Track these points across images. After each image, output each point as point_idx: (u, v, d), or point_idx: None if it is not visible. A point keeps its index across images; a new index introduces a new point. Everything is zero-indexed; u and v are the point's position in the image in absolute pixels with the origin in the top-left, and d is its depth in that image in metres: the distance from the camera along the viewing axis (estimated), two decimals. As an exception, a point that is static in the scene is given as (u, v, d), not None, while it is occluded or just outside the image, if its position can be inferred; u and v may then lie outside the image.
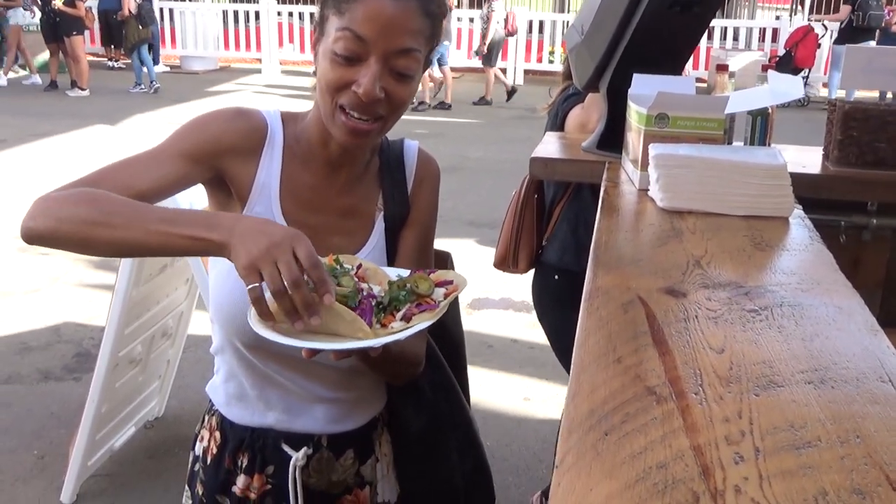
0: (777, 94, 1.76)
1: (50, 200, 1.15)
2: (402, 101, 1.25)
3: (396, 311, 1.15)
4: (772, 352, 0.91)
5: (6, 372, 3.89)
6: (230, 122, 1.32)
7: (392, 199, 1.39)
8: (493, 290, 4.92)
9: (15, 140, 8.99)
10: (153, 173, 1.23)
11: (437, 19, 1.26)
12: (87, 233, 1.11)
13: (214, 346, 1.43)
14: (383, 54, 1.20)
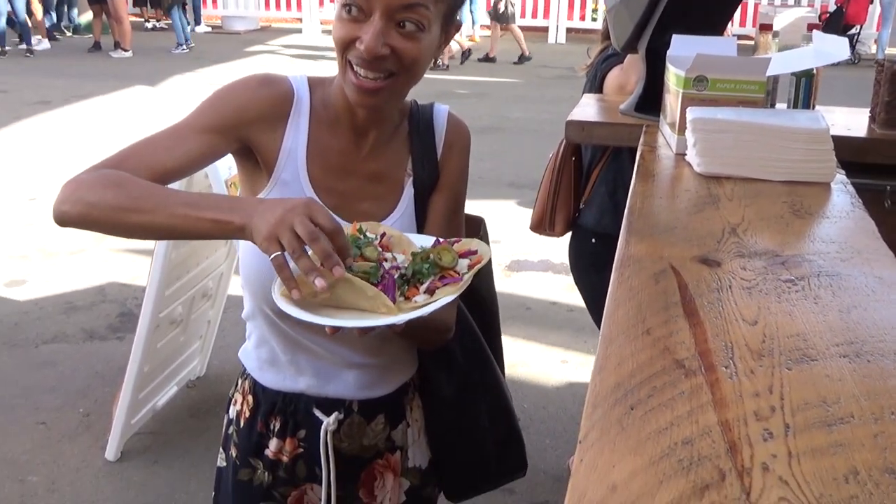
0: (821, 56, 1.70)
1: (79, 184, 1.17)
2: (412, 58, 1.22)
3: (420, 283, 1.14)
4: (807, 324, 0.89)
5: (52, 331, 3.97)
6: (255, 90, 1.31)
7: (421, 164, 1.38)
8: (532, 251, 4.90)
9: (60, 101, 9.10)
10: (178, 150, 1.23)
11: None
12: (115, 218, 1.14)
13: (245, 312, 1.44)
14: (386, 10, 1.17)
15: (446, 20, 1.27)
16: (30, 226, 5.35)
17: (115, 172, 1.18)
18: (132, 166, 1.20)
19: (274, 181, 1.31)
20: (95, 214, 1.15)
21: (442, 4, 1.23)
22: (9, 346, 3.82)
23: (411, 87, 1.30)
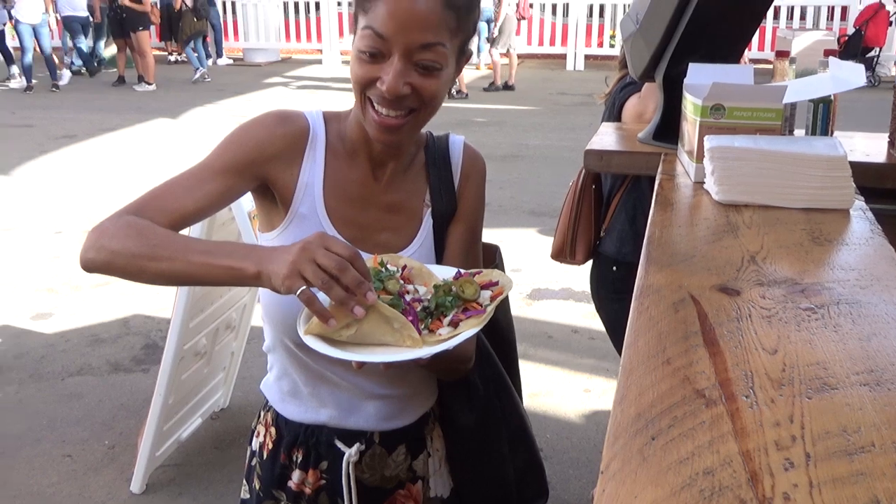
0: (838, 82, 1.71)
1: (102, 233, 1.20)
2: (432, 94, 1.24)
3: (443, 316, 1.15)
4: (827, 352, 0.89)
5: (78, 363, 4.01)
6: (271, 129, 1.33)
7: (439, 195, 1.40)
8: (553, 280, 4.90)
9: (85, 134, 9.24)
10: (198, 192, 1.26)
11: (461, 10, 1.24)
12: (136, 265, 1.17)
13: (267, 345, 1.45)
14: (405, 50, 1.20)
15: (460, 52, 1.29)
16: (56, 258, 5.41)
17: (136, 220, 1.21)
18: (154, 211, 1.23)
19: (291, 215, 1.33)
20: (118, 262, 1.18)
21: (457, 39, 1.25)
22: (35, 378, 3.86)
23: (429, 121, 1.33)
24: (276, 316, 1.34)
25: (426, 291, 1.19)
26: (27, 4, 12.11)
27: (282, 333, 1.36)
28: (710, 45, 1.78)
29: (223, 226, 2.92)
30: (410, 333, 1.11)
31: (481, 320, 1.14)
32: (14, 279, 5.09)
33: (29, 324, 4.45)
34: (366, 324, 1.11)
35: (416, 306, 1.16)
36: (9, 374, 3.90)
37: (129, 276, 1.20)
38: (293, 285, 1.08)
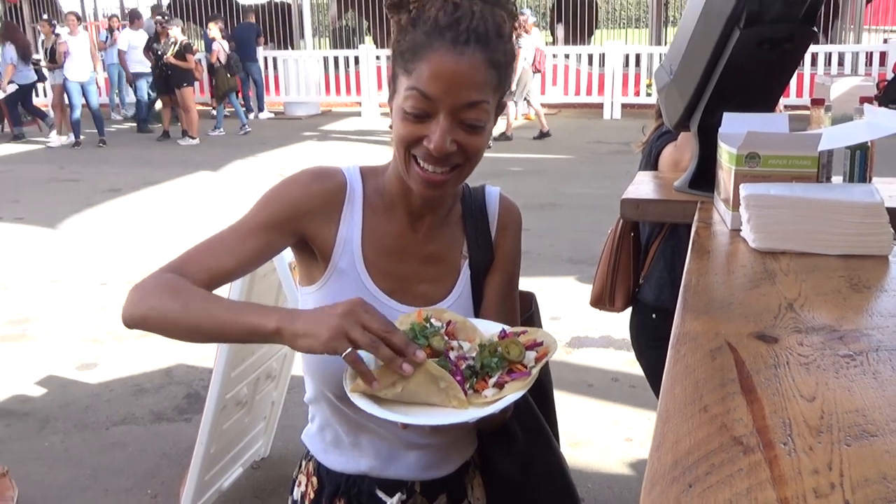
0: (873, 129, 1.71)
1: (142, 291, 1.25)
2: (476, 150, 1.27)
3: (488, 376, 1.16)
4: (866, 399, 0.88)
5: (122, 413, 4.06)
6: (308, 186, 1.36)
7: (477, 246, 1.42)
8: (592, 327, 4.88)
9: (130, 188, 9.45)
10: (236, 251, 1.30)
11: (503, 68, 1.27)
12: (170, 322, 1.22)
13: (308, 396, 1.47)
14: (451, 109, 1.22)
15: (499, 106, 1.32)
16: (101, 309, 5.51)
17: (173, 278, 1.25)
18: (194, 269, 1.28)
19: (331, 270, 1.36)
20: (153, 319, 1.23)
21: (497, 94, 1.28)
22: (80, 428, 3.92)
23: (470, 174, 1.35)
24: (318, 370, 1.37)
25: (471, 348, 1.20)
26: (76, 64, 12.49)
27: (324, 386, 1.38)
28: (744, 95, 1.79)
29: (264, 277, 2.97)
30: (457, 394, 1.13)
31: (526, 383, 1.15)
32: (60, 330, 5.19)
33: (74, 374, 4.53)
34: (412, 383, 1.13)
35: (461, 364, 1.17)
36: (55, 424, 3.96)
37: (164, 332, 1.25)
38: (339, 347, 1.11)
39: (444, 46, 1.21)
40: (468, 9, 1.24)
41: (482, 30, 1.23)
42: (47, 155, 12.28)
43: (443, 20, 1.22)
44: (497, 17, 1.26)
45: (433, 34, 1.22)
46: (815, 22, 1.75)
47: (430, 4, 1.25)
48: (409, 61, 1.24)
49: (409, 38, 1.25)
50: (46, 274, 6.32)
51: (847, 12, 16.27)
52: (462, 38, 1.21)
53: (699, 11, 1.80)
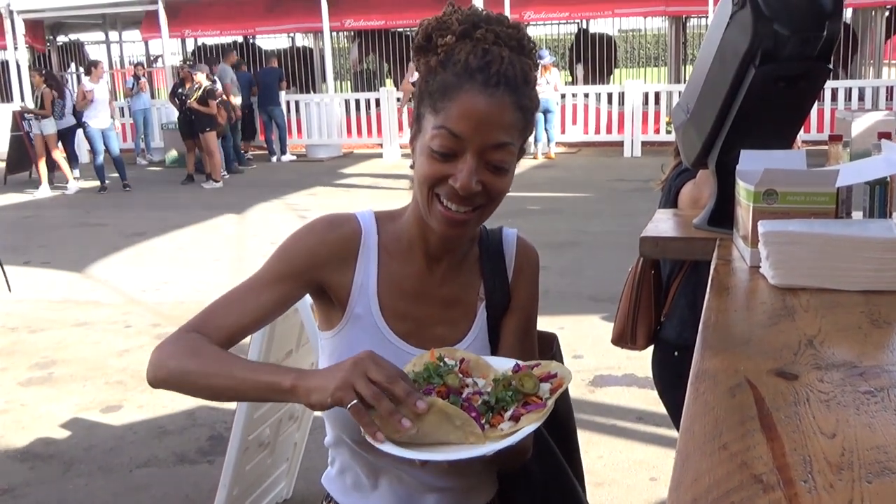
0: (892, 164, 1.71)
1: (162, 353, 1.29)
2: (500, 191, 1.29)
3: (504, 410, 1.16)
4: (887, 436, 0.88)
5: (145, 455, 4.07)
6: (323, 235, 1.38)
7: (494, 288, 1.42)
8: (615, 366, 4.85)
9: (154, 232, 9.55)
10: (253, 305, 1.33)
11: (529, 112, 1.30)
12: (189, 382, 1.27)
13: (328, 440, 1.48)
14: (478, 149, 1.24)
15: (521, 150, 1.34)
16: (126, 352, 5.55)
17: (192, 338, 1.29)
18: (212, 327, 1.31)
19: (348, 316, 1.37)
20: (174, 379, 1.27)
21: (521, 139, 1.31)
22: (104, 470, 3.93)
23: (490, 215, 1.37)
24: (336, 416, 1.37)
25: (485, 384, 1.21)
26: (98, 111, 12.72)
27: (342, 432, 1.39)
28: (761, 132, 1.80)
29: (286, 318, 2.99)
30: (473, 430, 1.13)
31: (542, 415, 1.15)
32: (85, 373, 5.23)
33: (98, 416, 4.56)
34: (426, 424, 1.13)
35: (475, 400, 1.18)
36: (79, 467, 3.98)
37: (186, 391, 1.28)
38: (345, 398, 1.13)
39: (475, 87, 1.24)
40: (498, 54, 1.27)
41: (511, 74, 1.26)
42: (73, 200, 12.46)
43: (474, 63, 1.25)
44: (524, 65, 1.30)
45: (464, 75, 1.25)
46: (831, 59, 1.76)
47: (460, 48, 1.28)
48: (437, 101, 1.26)
49: (439, 79, 1.27)
50: (72, 317, 6.39)
51: (867, 47, 16.29)
52: (493, 81, 1.24)
53: (715, 50, 1.81)
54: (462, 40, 1.29)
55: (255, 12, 17.53)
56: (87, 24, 21.07)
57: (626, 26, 22.61)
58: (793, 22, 1.69)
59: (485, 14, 1.33)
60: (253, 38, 19.36)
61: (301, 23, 17.57)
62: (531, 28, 18.06)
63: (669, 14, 17.10)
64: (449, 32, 1.30)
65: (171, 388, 1.28)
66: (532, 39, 1.38)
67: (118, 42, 21.08)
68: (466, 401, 1.17)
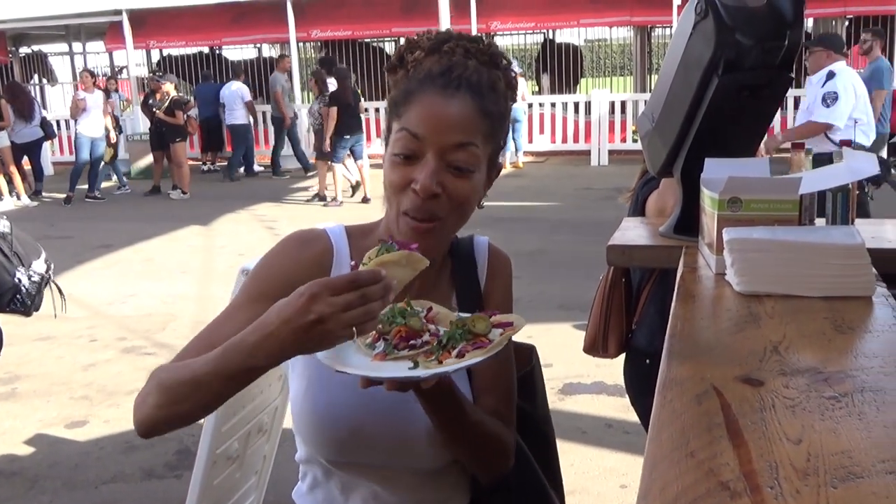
0: (853, 172, 1.74)
1: (139, 405, 1.24)
2: (462, 197, 1.27)
3: (453, 349, 1.16)
4: (852, 441, 0.89)
5: (112, 471, 4.01)
6: (294, 255, 1.35)
7: (465, 299, 1.41)
8: (585, 374, 4.87)
9: (120, 244, 9.44)
10: (230, 329, 1.22)
11: (495, 118, 1.29)
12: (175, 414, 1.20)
13: (299, 456, 1.46)
14: (438, 150, 1.24)
15: (491, 162, 1.33)
16: (91, 366, 5.48)
17: (159, 372, 1.23)
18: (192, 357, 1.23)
19: None
20: (161, 420, 1.22)
21: (489, 145, 1.30)
22: (69, 487, 3.87)
23: (460, 228, 1.36)
24: (308, 435, 1.35)
25: (446, 331, 1.21)
26: (91, 120, 12.65)
27: (314, 451, 1.38)
28: (725, 140, 1.82)
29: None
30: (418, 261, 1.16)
31: (485, 351, 1.14)
32: (49, 388, 5.15)
33: (63, 432, 4.49)
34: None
35: (432, 341, 1.18)
36: (43, 483, 3.91)
37: (179, 424, 1.23)
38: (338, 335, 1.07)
39: (434, 89, 1.25)
40: (462, 62, 1.29)
41: (474, 80, 1.27)
42: (36, 213, 12.29)
43: (436, 69, 1.27)
44: (492, 75, 1.31)
45: (425, 81, 1.27)
46: (793, 67, 1.78)
47: (427, 60, 1.30)
48: (400, 106, 1.27)
49: (403, 88, 1.29)
50: (35, 331, 6.28)
51: (828, 57, 16.52)
52: (453, 84, 1.25)
53: (678, 60, 1.83)
54: (431, 54, 1.31)
55: (222, 23, 17.44)
56: (50, 35, 20.83)
57: (591, 36, 22.77)
58: (754, 31, 1.72)
59: (458, 33, 1.35)
60: (219, 48, 19.24)
61: (268, 33, 17.51)
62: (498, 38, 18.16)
63: (634, 24, 17.28)
64: (418, 49, 1.32)
65: (165, 430, 1.23)
66: (507, 57, 1.39)
67: (82, 53, 20.85)
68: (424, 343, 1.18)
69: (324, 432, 1.33)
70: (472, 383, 1.41)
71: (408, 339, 1.19)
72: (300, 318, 1.06)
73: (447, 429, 1.30)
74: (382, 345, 1.19)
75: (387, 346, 1.19)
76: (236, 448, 3.17)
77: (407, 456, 1.36)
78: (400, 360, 1.16)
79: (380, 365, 1.16)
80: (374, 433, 1.33)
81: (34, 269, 3.74)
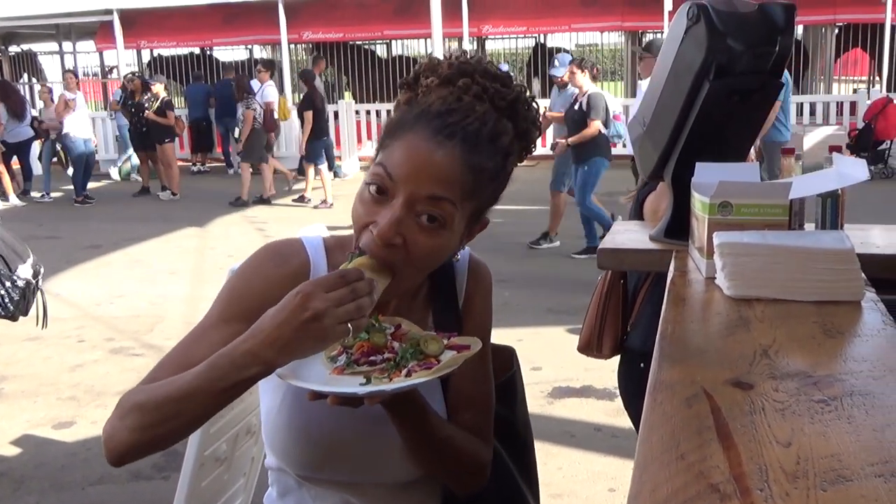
0: (843, 177, 1.75)
1: (111, 433, 1.20)
2: (422, 253, 1.18)
3: (404, 367, 1.16)
4: (841, 444, 0.89)
5: (98, 472, 3.99)
6: (270, 272, 1.29)
7: (443, 316, 1.38)
8: (574, 377, 4.86)
9: (110, 244, 9.40)
10: (203, 350, 1.19)
11: (484, 174, 1.19)
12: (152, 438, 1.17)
13: (269, 462, 1.43)
14: (409, 198, 1.15)
15: (473, 219, 1.25)
16: (79, 367, 5.45)
17: (133, 397, 1.19)
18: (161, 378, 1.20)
19: None
20: (138, 446, 1.19)
21: (470, 203, 1.20)
22: (56, 488, 3.84)
23: (418, 282, 1.31)
24: (281, 451, 1.34)
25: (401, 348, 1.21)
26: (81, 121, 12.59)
27: (284, 462, 1.36)
28: (715, 145, 1.83)
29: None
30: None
31: (430, 373, 1.13)
32: (37, 388, 5.12)
33: (50, 433, 4.46)
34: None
35: (391, 359, 1.17)
36: (30, 484, 3.89)
37: (153, 449, 1.20)
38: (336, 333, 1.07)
39: (424, 132, 1.16)
40: (469, 105, 1.20)
41: (472, 129, 1.17)
42: (25, 213, 12.23)
43: (436, 107, 1.19)
44: (500, 126, 1.21)
45: (420, 118, 1.18)
46: (783, 73, 1.79)
47: (436, 92, 1.22)
48: (388, 137, 1.20)
49: (398, 116, 1.23)
50: (23, 332, 6.24)
51: (817, 63, 16.65)
52: (446, 131, 1.16)
53: (670, 64, 1.84)
54: (444, 85, 1.23)
55: (213, 24, 17.42)
56: (40, 35, 20.74)
57: (582, 41, 22.75)
58: (746, 37, 1.73)
59: (483, 67, 1.25)
60: (210, 49, 19.21)
61: (259, 35, 17.50)
62: (489, 42, 18.18)
63: (626, 29, 17.34)
64: (434, 75, 1.24)
65: (141, 456, 1.20)
66: (532, 105, 1.28)
67: (72, 53, 20.77)
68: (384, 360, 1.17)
69: (298, 449, 1.31)
70: (448, 399, 1.38)
71: (369, 354, 1.18)
72: (297, 318, 1.05)
73: (415, 444, 1.29)
74: (344, 359, 1.19)
75: (347, 360, 1.18)
76: (224, 450, 3.16)
77: (381, 471, 1.35)
78: (357, 374, 1.16)
79: (334, 378, 1.16)
80: (348, 451, 1.32)
81: (19, 274, 3.71)
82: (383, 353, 1.18)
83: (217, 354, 1.11)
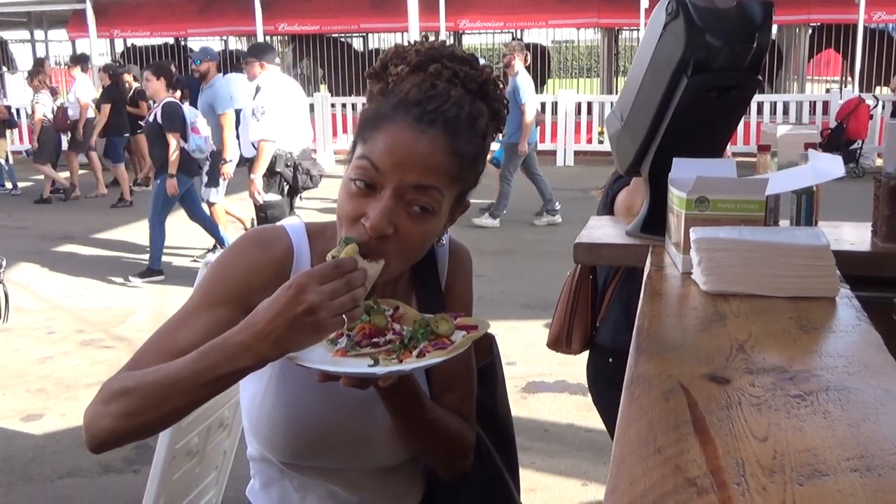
0: (818, 174, 1.76)
1: (93, 415, 1.18)
2: (414, 240, 1.19)
3: (415, 348, 1.15)
4: (817, 439, 0.89)
5: (68, 465, 3.95)
6: (254, 258, 1.29)
7: (426, 299, 1.39)
8: (547, 372, 4.88)
9: (79, 235, 9.30)
10: (187, 336, 1.21)
11: (467, 158, 1.20)
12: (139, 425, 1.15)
13: (251, 453, 1.42)
14: (397, 188, 1.15)
15: (456, 202, 1.26)
16: (48, 359, 5.39)
17: (119, 383, 1.17)
18: (145, 366, 1.19)
19: None
20: (122, 433, 1.17)
21: (455, 187, 1.22)
22: (24, 481, 3.80)
23: (405, 269, 1.31)
24: (265, 438, 1.32)
25: (409, 330, 1.20)
26: None
27: (267, 450, 1.35)
28: (693, 141, 1.83)
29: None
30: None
31: (447, 352, 1.13)
32: (5, 380, 5.05)
33: (18, 425, 4.40)
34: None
35: (396, 340, 1.17)
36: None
37: (135, 437, 1.18)
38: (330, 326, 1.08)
39: (406, 121, 1.16)
40: (444, 91, 1.20)
41: (452, 114, 1.18)
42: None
43: (413, 96, 1.19)
44: (475, 109, 1.22)
45: (399, 107, 1.18)
46: (760, 70, 1.80)
47: (409, 80, 1.21)
48: (368, 130, 1.19)
49: (375, 107, 1.22)
50: (-9, 323, 6.18)
51: (791, 63, 16.78)
52: (427, 118, 1.16)
53: (648, 60, 1.84)
54: (415, 72, 1.22)
55: (187, 14, 17.25)
56: (11, 23, 20.45)
57: (559, 37, 22.85)
58: (724, 33, 1.73)
59: (450, 51, 1.25)
60: (184, 40, 19.02)
61: (234, 26, 17.35)
62: (466, 37, 18.17)
63: (602, 26, 17.37)
64: (403, 63, 1.23)
65: (120, 443, 1.18)
66: (500, 86, 1.29)
67: (44, 41, 20.49)
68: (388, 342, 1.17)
69: (283, 437, 1.30)
70: (432, 382, 1.39)
71: (371, 336, 1.18)
72: (291, 311, 1.05)
73: (407, 426, 1.29)
74: (345, 341, 1.18)
75: (349, 343, 1.18)
76: (196, 443, 3.13)
77: (366, 456, 1.35)
78: (361, 356, 1.15)
79: (340, 360, 1.15)
80: (334, 437, 1.31)
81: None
82: (385, 334, 1.18)
83: (209, 344, 1.11)
